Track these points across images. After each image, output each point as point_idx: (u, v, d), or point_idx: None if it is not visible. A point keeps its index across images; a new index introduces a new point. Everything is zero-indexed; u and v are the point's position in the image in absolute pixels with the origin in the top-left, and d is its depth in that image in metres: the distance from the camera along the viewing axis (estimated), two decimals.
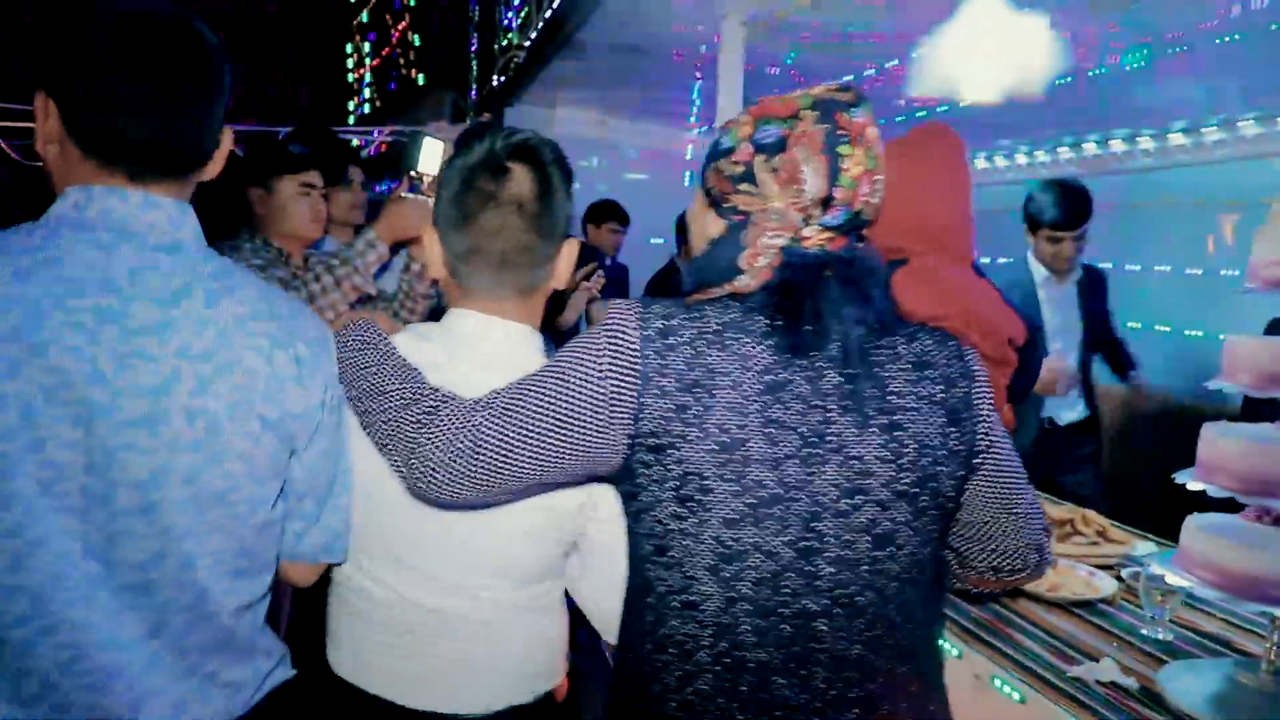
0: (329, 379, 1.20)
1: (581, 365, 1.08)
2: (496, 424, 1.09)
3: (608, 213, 4.96)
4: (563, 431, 1.08)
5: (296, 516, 1.22)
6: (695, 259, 1.16)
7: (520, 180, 1.26)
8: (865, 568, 1.07)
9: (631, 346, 1.06)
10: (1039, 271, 3.26)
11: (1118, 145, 4.66)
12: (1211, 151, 4.17)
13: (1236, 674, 1.52)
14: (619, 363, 1.06)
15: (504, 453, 1.09)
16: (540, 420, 1.08)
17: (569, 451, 1.09)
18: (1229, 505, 1.49)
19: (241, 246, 2.37)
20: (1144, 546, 2.25)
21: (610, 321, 1.09)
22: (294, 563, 1.26)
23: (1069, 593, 1.90)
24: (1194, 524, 1.55)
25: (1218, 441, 1.50)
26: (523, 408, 1.09)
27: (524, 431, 1.09)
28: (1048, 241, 3.15)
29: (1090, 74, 3.61)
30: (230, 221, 2.40)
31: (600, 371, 1.07)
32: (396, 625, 1.30)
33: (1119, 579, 2.00)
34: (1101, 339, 3.41)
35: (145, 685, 1.06)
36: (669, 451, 1.05)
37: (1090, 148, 4.87)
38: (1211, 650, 1.71)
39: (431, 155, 2.25)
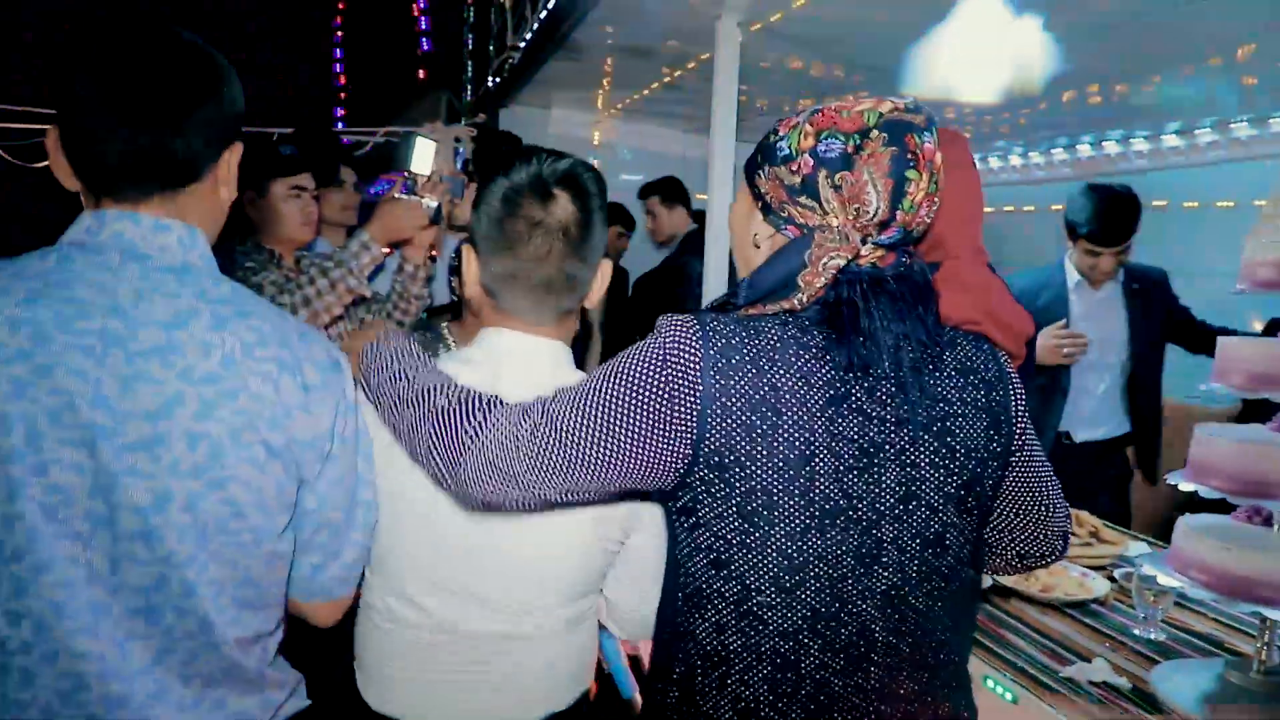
0: (340, 407, 1.16)
1: (640, 383, 1.07)
2: (551, 432, 1.08)
3: (614, 216, 4.84)
4: (617, 448, 1.07)
5: (314, 550, 1.19)
6: (753, 273, 1.13)
7: (566, 207, 1.26)
8: (916, 569, 1.09)
9: (693, 369, 1.05)
10: (1072, 275, 3.05)
11: (1112, 147, 4.68)
12: (1204, 153, 4.19)
13: (1227, 674, 1.53)
14: (679, 385, 1.05)
15: (557, 461, 1.08)
16: (595, 433, 1.07)
17: (621, 467, 1.08)
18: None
19: (232, 250, 2.36)
20: (1137, 547, 2.26)
21: (670, 340, 1.08)
22: (313, 602, 1.22)
23: (1062, 593, 1.91)
24: (1185, 525, 1.55)
25: (1209, 443, 1.51)
26: (578, 419, 1.08)
27: (578, 442, 1.08)
28: (1085, 254, 2.95)
29: (1084, 77, 3.61)
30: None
31: (659, 391, 1.06)
32: (441, 652, 1.29)
33: (1112, 580, 2.01)
34: (1199, 342, 3.05)
35: (149, 715, 1.04)
36: (734, 469, 1.05)
37: (1084, 149, 4.89)
38: (1203, 650, 1.72)
39: (424, 155, 2.24)
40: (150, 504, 1.01)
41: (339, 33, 13.12)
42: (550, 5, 4.03)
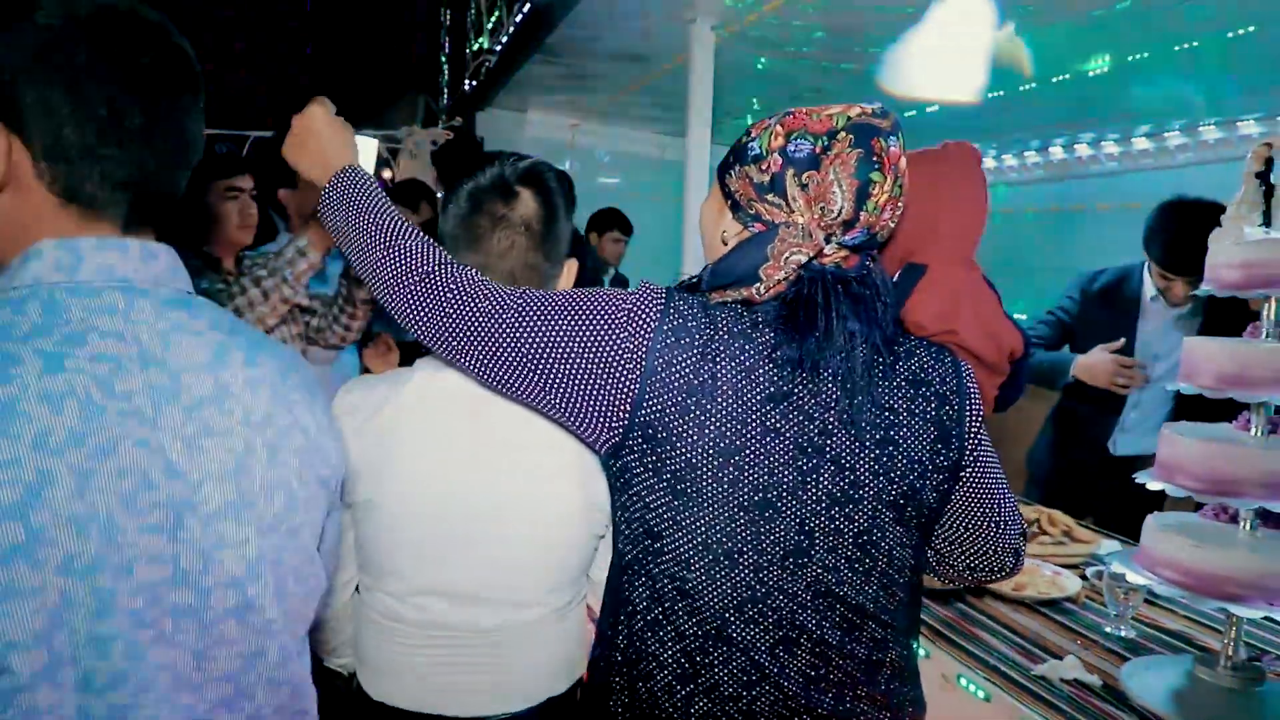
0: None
1: (603, 313, 1.12)
2: (515, 305, 1.12)
3: (610, 221, 4.71)
4: (567, 348, 1.10)
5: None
6: (715, 262, 1.17)
7: (528, 203, 1.31)
8: (848, 567, 1.12)
9: (646, 334, 1.10)
10: (1149, 287, 2.77)
11: (1083, 149, 4.73)
12: (1174, 155, 4.25)
13: (1196, 670, 1.55)
14: (630, 340, 1.10)
15: (511, 333, 1.11)
16: (553, 325, 1.11)
17: (563, 373, 1.11)
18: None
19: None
20: (1108, 545, 2.28)
21: (635, 303, 1.12)
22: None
23: (1034, 592, 1.93)
24: (1154, 523, 1.57)
25: (1177, 442, 1.52)
26: (540, 307, 1.13)
27: (538, 323, 1.11)
28: (1159, 276, 2.71)
29: (1055, 80, 3.65)
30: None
31: (617, 330, 1.10)
32: (440, 646, 1.31)
33: (1084, 578, 2.03)
34: None
35: None
36: (665, 445, 1.09)
37: (1057, 151, 4.94)
38: (1172, 647, 1.74)
39: (365, 156, 2.21)
40: (245, 573, 0.89)
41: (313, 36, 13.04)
42: (526, 9, 4.03)
